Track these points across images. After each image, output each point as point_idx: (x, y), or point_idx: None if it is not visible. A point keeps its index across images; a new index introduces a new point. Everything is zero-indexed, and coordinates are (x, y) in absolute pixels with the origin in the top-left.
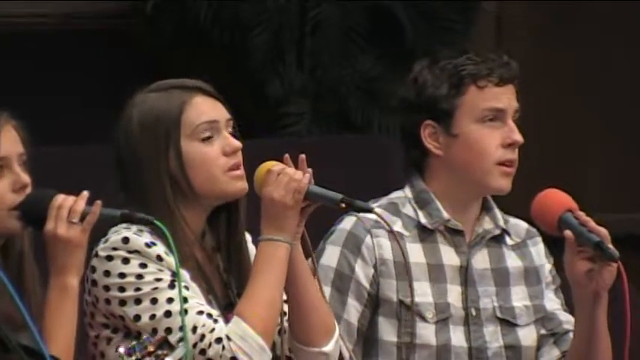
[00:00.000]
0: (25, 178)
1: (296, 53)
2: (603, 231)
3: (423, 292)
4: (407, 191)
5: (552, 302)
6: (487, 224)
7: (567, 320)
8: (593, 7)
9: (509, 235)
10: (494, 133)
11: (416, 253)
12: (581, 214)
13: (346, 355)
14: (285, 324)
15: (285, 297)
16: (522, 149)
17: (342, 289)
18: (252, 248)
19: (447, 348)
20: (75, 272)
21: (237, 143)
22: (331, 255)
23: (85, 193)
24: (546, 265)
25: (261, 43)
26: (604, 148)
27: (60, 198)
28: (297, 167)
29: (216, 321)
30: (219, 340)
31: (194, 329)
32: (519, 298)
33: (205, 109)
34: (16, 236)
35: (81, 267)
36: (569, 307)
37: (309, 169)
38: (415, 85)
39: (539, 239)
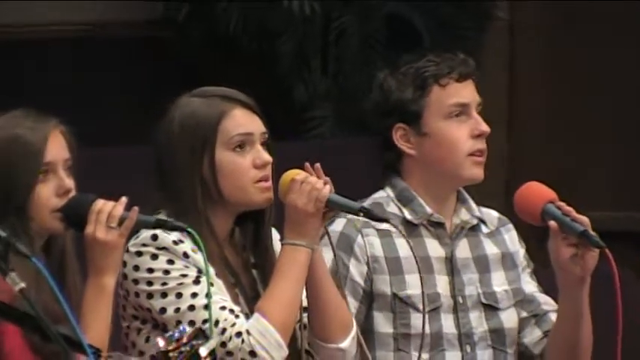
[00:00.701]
0: (69, 183)
1: (320, 60)
2: (585, 219)
3: (415, 284)
4: (388, 191)
5: (529, 285)
6: (464, 215)
7: (546, 302)
8: (603, 7)
9: (484, 223)
10: (462, 126)
11: (404, 247)
12: (563, 205)
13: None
14: (306, 320)
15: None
16: (534, 148)
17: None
18: (279, 246)
19: (439, 335)
20: (112, 273)
21: (268, 157)
22: (326, 256)
23: (124, 199)
24: (520, 251)
25: (288, 50)
26: (614, 148)
27: (100, 203)
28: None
29: (237, 316)
30: (239, 334)
31: (216, 323)
32: (499, 283)
33: (243, 121)
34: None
35: (117, 268)
36: (545, 289)
37: (328, 178)
38: (382, 92)
39: (511, 226)
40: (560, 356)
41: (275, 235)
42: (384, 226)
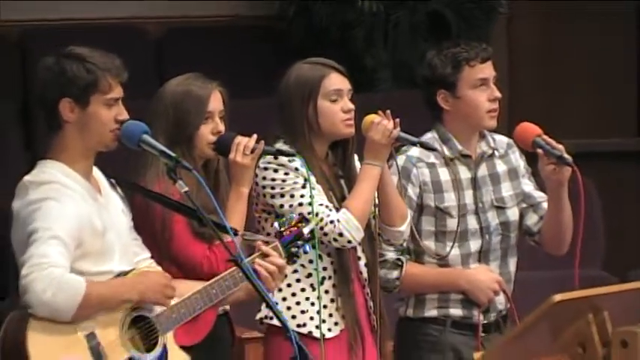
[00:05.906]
0: (221, 127)
1: (382, 41)
2: (561, 146)
3: (450, 199)
4: (434, 133)
5: (528, 185)
6: (484, 147)
7: (540, 195)
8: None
9: (497, 150)
10: (483, 93)
11: (444, 174)
12: (547, 137)
13: (407, 233)
14: (377, 212)
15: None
16: (526, 103)
17: None
18: (358, 165)
19: (466, 230)
20: (247, 184)
21: (352, 106)
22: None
23: (255, 136)
24: (521, 163)
25: (360, 35)
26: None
27: (239, 138)
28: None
29: (330, 210)
30: (332, 221)
31: (316, 214)
32: (506, 190)
33: (337, 81)
34: (213, 160)
35: (250, 181)
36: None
37: (398, 120)
38: (430, 68)
39: (515, 148)
40: (551, 231)
41: (355, 157)
42: (431, 159)
